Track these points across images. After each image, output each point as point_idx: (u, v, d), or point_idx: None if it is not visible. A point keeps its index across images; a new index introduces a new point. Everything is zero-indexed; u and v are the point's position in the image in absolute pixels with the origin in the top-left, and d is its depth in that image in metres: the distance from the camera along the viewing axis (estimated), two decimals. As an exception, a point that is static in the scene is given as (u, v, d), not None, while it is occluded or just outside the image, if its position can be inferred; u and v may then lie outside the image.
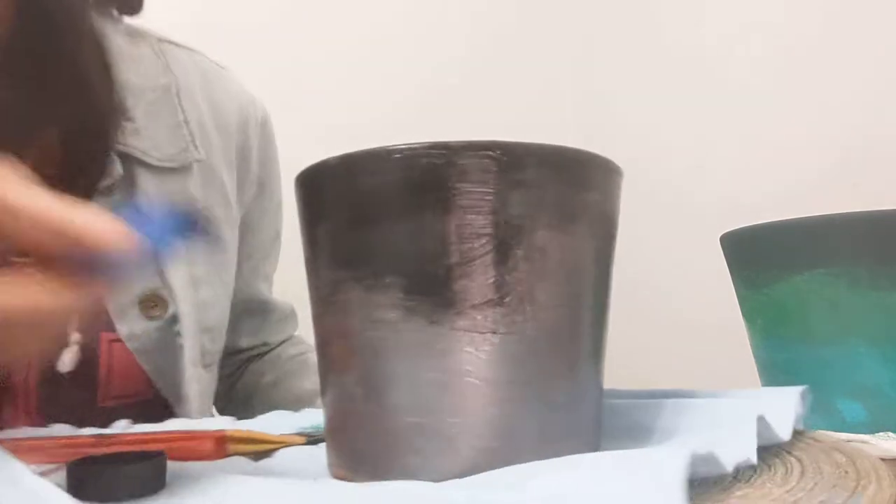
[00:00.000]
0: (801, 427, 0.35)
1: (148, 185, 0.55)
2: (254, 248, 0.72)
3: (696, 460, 0.26)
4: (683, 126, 1.15)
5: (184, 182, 0.58)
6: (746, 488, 0.26)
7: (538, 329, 0.30)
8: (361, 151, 0.31)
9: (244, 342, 0.74)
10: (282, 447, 0.41)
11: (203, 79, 0.64)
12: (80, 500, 0.27)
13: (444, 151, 0.29)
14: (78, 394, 0.54)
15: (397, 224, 0.30)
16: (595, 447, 0.34)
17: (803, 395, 0.37)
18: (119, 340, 0.55)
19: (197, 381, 0.59)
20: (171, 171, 0.57)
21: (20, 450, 0.37)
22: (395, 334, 0.30)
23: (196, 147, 0.60)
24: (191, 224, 0.29)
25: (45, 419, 0.51)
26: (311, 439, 0.42)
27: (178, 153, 0.58)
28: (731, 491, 0.26)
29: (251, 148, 0.68)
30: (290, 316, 0.79)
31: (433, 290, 0.29)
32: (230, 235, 0.67)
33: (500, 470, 0.29)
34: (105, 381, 0.55)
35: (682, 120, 1.16)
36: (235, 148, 0.66)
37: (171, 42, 0.64)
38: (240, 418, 0.50)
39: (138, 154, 0.55)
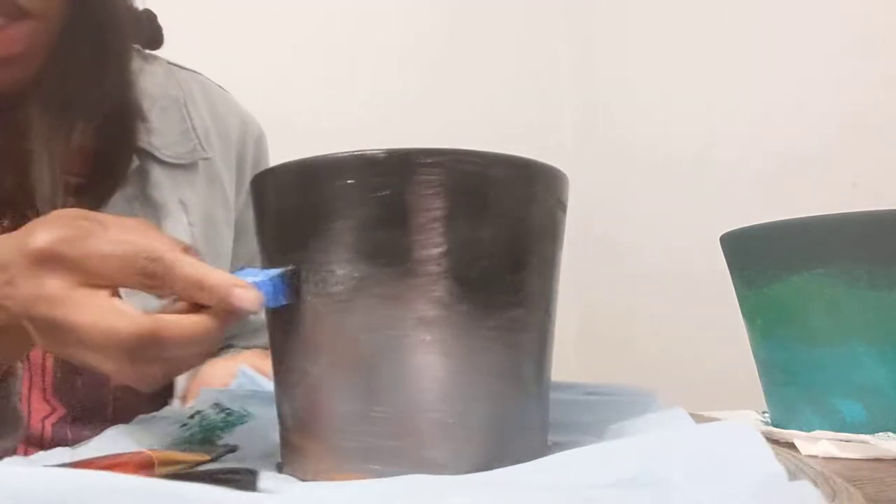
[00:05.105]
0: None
1: (160, 178, 0.61)
2: (241, 255, 0.73)
3: None
4: (684, 126, 1.15)
5: (192, 178, 0.64)
6: None
7: (479, 329, 0.31)
8: (316, 157, 0.32)
9: None
10: (207, 462, 0.38)
11: (205, 94, 0.71)
12: None
13: (391, 156, 0.30)
14: (91, 375, 0.56)
15: (349, 226, 0.31)
16: (543, 442, 0.35)
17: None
18: None
19: None
20: (181, 167, 0.64)
21: None
22: (345, 335, 0.31)
23: (202, 148, 0.66)
24: (290, 284, 0.33)
25: (60, 399, 0.56)
26: (216, 455, 0.39)
27: (187, 152, 0.65)
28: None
29: (247, 159, 0.74)
30: (262, 329, 0.77)
31: (379, 292, 0.30)
32: (227, 235, 0.70)
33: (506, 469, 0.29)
34: None
35: (682, 120, 1.16)
36: (235, 155, 0.72)
37: (177, 65, 0.71)
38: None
39: (153, 150, 0.62)
